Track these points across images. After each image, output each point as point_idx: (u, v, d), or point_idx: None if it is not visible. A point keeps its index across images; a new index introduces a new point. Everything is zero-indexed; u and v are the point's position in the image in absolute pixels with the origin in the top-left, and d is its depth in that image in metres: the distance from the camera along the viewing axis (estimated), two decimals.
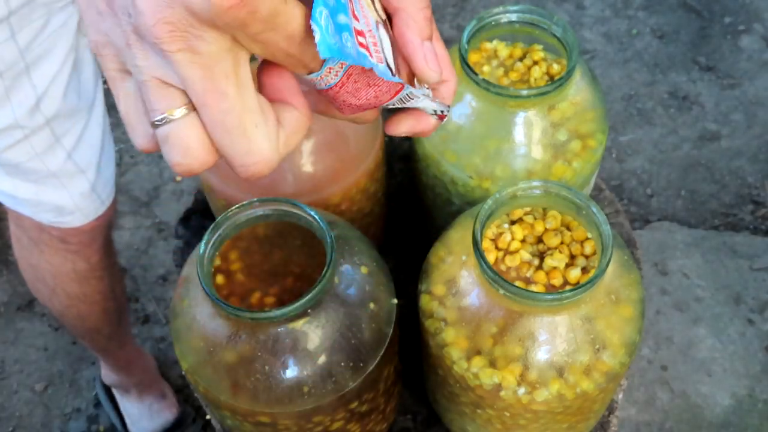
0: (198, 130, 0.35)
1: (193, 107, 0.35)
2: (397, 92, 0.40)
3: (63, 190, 0.89)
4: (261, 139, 0.36)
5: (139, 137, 0.37)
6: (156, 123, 0.35)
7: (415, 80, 0.43)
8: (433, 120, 0.44)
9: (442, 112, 0.45)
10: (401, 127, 0.44)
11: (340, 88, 0.38)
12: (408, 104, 0.42)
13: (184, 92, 0.35)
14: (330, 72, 0.37)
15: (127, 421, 1.40)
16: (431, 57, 0.41)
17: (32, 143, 0.82)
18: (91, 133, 0.88)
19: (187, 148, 0.35)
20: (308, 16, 0.35)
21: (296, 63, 0.36)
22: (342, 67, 0.37)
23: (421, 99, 0.42)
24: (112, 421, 1.42)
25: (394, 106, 0.42)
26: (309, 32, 0.35)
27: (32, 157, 0.83)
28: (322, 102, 0.42)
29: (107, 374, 1.36)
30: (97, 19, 0.35)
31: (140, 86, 0.35)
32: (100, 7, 0.35)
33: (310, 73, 0.37)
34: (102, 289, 1.07)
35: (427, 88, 0.43)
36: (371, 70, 0.37)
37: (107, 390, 1.42)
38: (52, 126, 0.82)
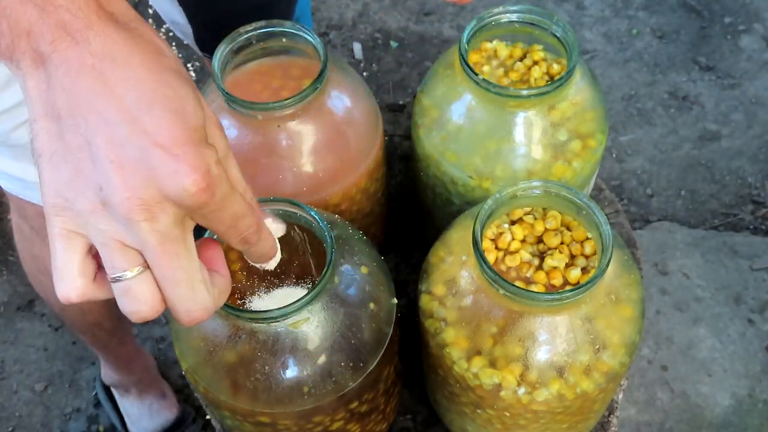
0: (152, 284, 0.42)
1: (147, 266, 0.41)
2: None
3: None
4: (203, 292, 0.43)
5: (69, 289, 0.42)
6: (116, 278, 0.41)
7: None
8: None
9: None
10: None
11: None
12: None
13: (140, 253, 0.41)
14: None
15: (127, 421, 1.40)
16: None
17: None
18: None
19: (143, 300, 0.42)
20: (248, 201, 0.45)
21: (234, 235, 0.45)
22: None
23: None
24: (111, 421, 1.42)
25: None
26: (248, 212, 0.44)
27: None
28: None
29: (107, 373, 1.35)
30: (62, 187, 0.40)
31: (101, 247, 0.41)
32: (65, 177, 0.40)
33: (245, 244, 0.46)
34: None
35: None
36: None
37: (107, 390, 1.42)
38: None
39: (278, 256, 0.53)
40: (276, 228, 0.53)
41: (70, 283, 0.42)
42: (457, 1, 0.74)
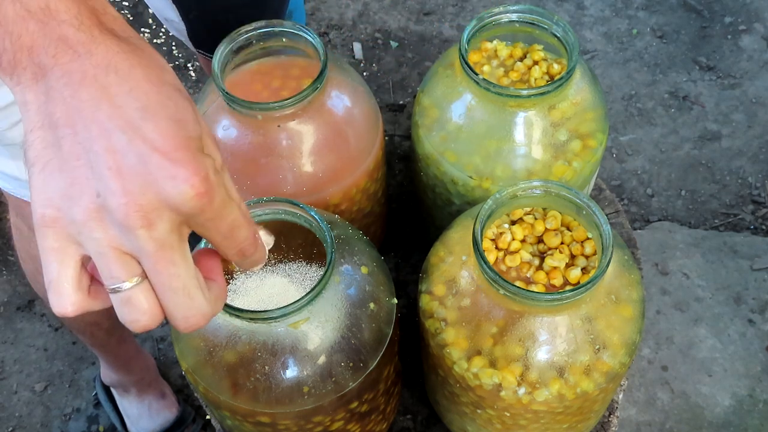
0: (151, 294, 0.42)
1: (144, 275, 0.41)
2: None
3: None
4: (201, 299, 0.43)
5: (66, 305, 0.42)
6: (114, 289, 0.41)
7: None
8: None
9: None
10: None
11: None
12: None
13: (138, 261, 0.41)
14: None
15: (127, 421, 1.40)
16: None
17: None
18: None
19: (142, 310, 0.42)
20: (244, 212, 0.44)
21: (231, 246, 0.45)
22: None
23: None
24: (111, 421, 1.42)
25: None
26: (245, 222, 0.44)
27: None
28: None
29: (107, 374, 1.36)
30: (55, 196, 0.40)
31: (97, 257, 0.40)
32: (60, 186, 0.39)
33: (242, 256, 0.46)
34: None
35: None
36: None
37: (106, 390, 1.42)
38: None
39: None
40: (266, 240, 0.53)
41: (66, 298, 0.42)
42: None
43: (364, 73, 1.93)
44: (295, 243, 0.67)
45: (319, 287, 0.59)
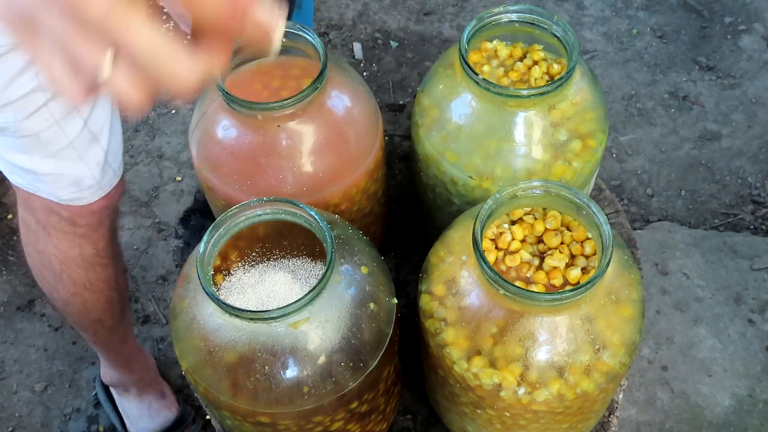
0: (128, 70, 0.40)
1: (115, 53, 0.39)
2: None
3: (80, 163, 0.91)
4: (178, 53, 0.40)
5: (77, 93, 0.41)
6: (94, 83, 0.40)
7: None
8: None
9: None
10: None
11: None
12: None
13: (105, 41, 0.39)
14: None
15: (126, 421, 1.40)
16: None
17: (51, 110, 0.84)
18: (102, 97, 0.91)
19: (127, 90, 0.40)
20: None
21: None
22: None
23: None
24: (111, 421, 1.42)
25: None
26: None
27: (51, 125, 0.86)
28: None
29: (107, 373, 1.36)
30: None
31: (63, 52, 0.40)
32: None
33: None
34: (107, 278, 1.08)
35: None
36: None
37: (106, 390, 1.42)
38: None
39: (277, 47, 0.46)
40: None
41: (76, 86, 0.41)
42: None
43: (364, 73, 1.93)
44: (295, 243, 0.67)
45: (318, 287, 0.59)
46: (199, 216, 1.00)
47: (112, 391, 1.41)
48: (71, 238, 1.00)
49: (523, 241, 0.65)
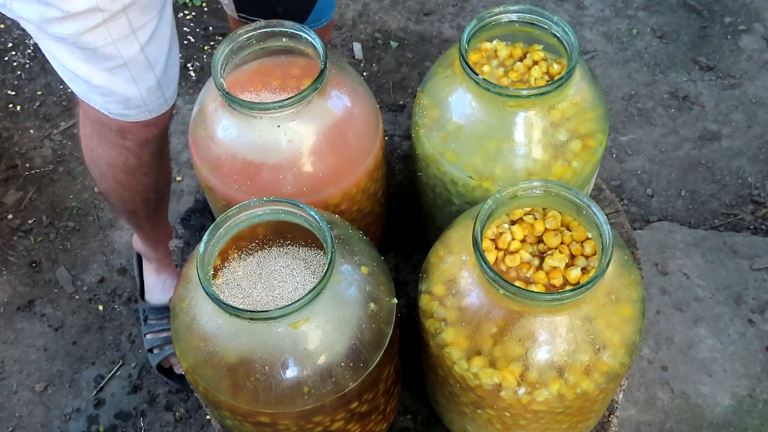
0: None
1: None
2: None
3: (133, 84, 0.96)
4: None
5: None
6: None
7: None
8: None
9: None
10: None
11: None
12: None
13: None
14: None
15: (146, 287, 1.49)
16: None
17: (109, 29, 0.89)
18: (162, 32, 0.95)
19: None
20: None
21: None
22: None
23: None
24: (135, 284, 1.50)
25: None
26: None
27: (108, 43, 0.90)
28: None
29: (137, 241, 1.44)
30: None
31: None
32: None
33: None
34: (146, 183, 1.17)
35: None
36: None
37: (138, 254, 1.51)
38: (128, 15, 0.89)
39: None
40: None
41: None
42: None
43: (364, 73, 1.93)
44: (295, 243, 0.67)
45: (319, 287, 0.59)
46: (199, 216, 1.00)
47: (142, 257, 1.50)
48: (119, 149, 1.08)
49: (523, 241, 0.65)
